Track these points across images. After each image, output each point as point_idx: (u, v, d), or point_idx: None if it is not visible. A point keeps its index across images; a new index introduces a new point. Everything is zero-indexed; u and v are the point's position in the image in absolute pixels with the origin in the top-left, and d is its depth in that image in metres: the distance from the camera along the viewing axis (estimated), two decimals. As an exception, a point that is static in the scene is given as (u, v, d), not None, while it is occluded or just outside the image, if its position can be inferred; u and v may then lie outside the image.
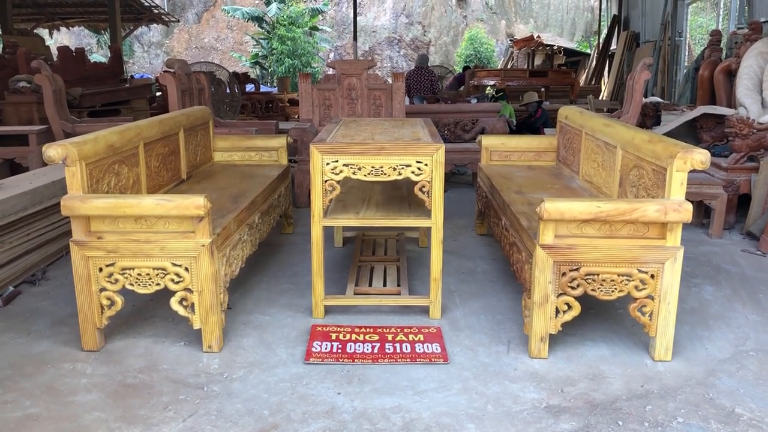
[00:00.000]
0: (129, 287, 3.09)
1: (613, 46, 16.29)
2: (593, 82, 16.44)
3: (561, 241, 2.97)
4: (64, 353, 3.14)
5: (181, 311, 3.11)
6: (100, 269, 3.06)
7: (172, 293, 3.10)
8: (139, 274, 3.07)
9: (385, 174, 3.35)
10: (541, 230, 2.96)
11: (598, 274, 3.00)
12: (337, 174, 3.36)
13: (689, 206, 2.88)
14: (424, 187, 3.37)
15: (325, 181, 3.37)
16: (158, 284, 3.09)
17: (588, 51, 21.20)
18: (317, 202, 3.40)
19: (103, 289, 3.10)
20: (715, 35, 7.61)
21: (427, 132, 3.85)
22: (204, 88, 6.72)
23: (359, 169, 3.35)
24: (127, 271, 3.07)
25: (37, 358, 3.10)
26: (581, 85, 15.31)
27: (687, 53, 11.74)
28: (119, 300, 3.13)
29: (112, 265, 3.06)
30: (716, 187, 5.01)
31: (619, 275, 3.00)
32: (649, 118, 7.33)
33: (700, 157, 2.90)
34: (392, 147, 3.33)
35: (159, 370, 2.99)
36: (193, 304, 3.10)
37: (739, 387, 2.85)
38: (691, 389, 2.83)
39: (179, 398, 2.75)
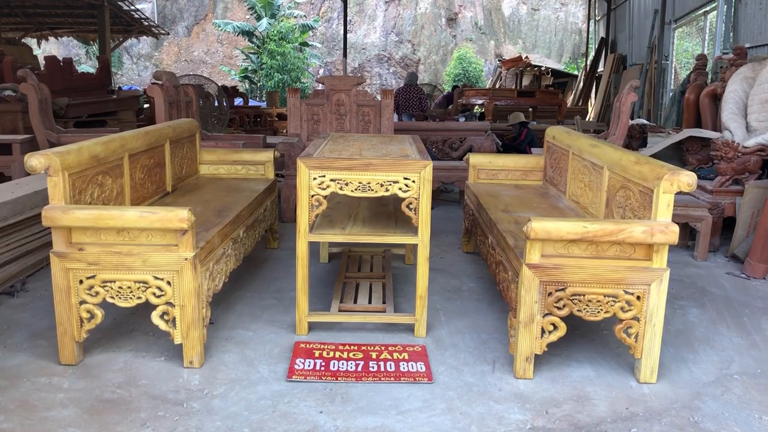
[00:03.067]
0: (110, 300, 3.03)
1: (600, 68, 16.45)
2: (580, 103, 16.59)
3: (547, 261, 2.96)
4: (40, 367, 3.07)
5: (162, 325, 3.06)
6: (81, 281, 3.01)
7: (154, 307, 3.05)
8: (120, 287, 3.02)
9: (372, 190, 3.33)
10: (527, 249, 2.95)
11: (584, 295, 2.98)
12: (323, 189, 3.34)
13: (676, 228, 2.88)
14: (411, 203, 3.35)
15: (312, 196, 3.35)
16: (139, 298, 3.03)
17: (575, 72, 21.41)
18: (303, 217, 3.37)
19: (83, 302, 3.04)
20: (701, 59, 7.70)
21: (415, 149, 3.84)
22: (192, 100, 6.69)
23: (346, 184, 3.33)
24: (108, 284, 3.01)
25: (12, 371, 3.03)
26: (568, 106, 15.42)
27: (673, 76, 11.87)
28: (99, 313, 3.07)
29: (92, 277, 3.00)
30: (701, 209, 5.03)
31: (605, 296, 2.98)
32: (635, 140, 7.39)
33: (686, 179, 2.91)
34: (380, 163, 3.31)
35: (138, 385, 2.93)
36: (174, 319, 3.05)
37: (723, 411, 2.84)
38: (676, 412, 2.81)
39: (158, 414, 2.69)
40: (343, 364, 3.15)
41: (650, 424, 2.71)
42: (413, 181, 3.33)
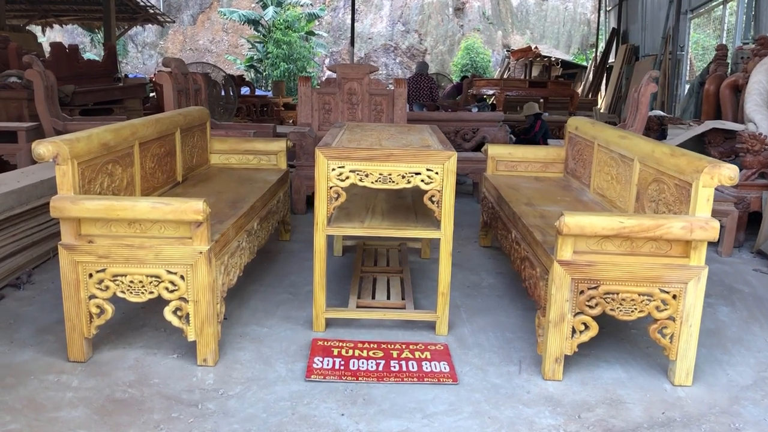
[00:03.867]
0: (120, 295, 2.90)
1: (611, 59, 16.24)
2: (590, 95, 16.39)
3: (580, 258, 2.81)
4: (48, 364, 2.95)
5: (175, 322, 2.93)
6: (90, 275, 2.87)
7: (166, 302, 2.92)
8: (131, 282, 2.88)
9: (393, 182, 3.19)
10: (559, 245, 2.80)
11: (617, 293, 2.84)
12: (343, 180, 3.19)
13: (716, 224, 2.73)
14: (433, 196, 3.20)
15: (330, 188, 3.20)
16: (152, 292, 2.90)
17: (584, 64, 21.18)
18: (321, 210, 3.23)
19: (92, 297, 2.91)
20: (721, 50, 7.52)
21: (436, 139, 3.70)
22: (201, 88, 6.55)
23: (366, 175, 3.19)
24: (119, 278, 2.88)
25: (19, 368, 2.90)
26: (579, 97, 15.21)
27: (688, 67, 11.67)
28: (109, 308, 2.94)
29: (102, 271, 2.87)
30: (727, 203, 4.88)
31: (639, 294, 2.84)
32: (653, 132, 7.22)
33: (728, 172, 2.76)
34: (402, 153, 3.17)
35: (150, 384, 2.80)
36: (188, 315, 2.91)
37: (765, 416, 2.70)
38: (715, 418, 2.67)
39: (171, 416, 2.56)
40: (363, 363, 3.01)
41: (689, 430, 2.58)
42: (436, 173, 3.18)
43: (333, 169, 3.19)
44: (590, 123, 4.40)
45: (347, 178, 3.19)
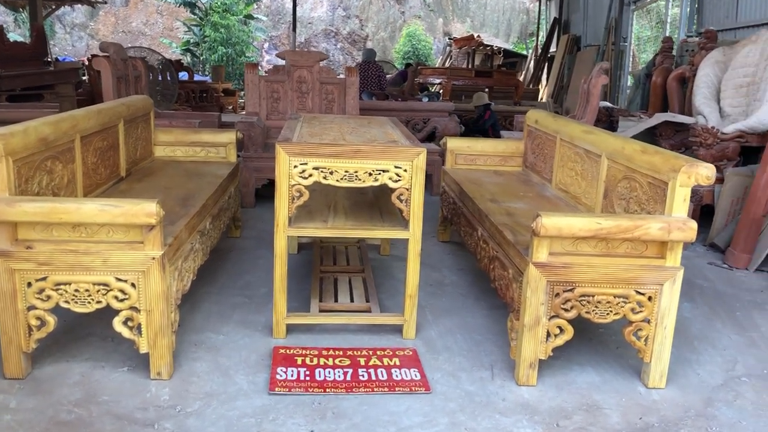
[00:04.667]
0: (64, 305, 2.65)
1: (553, 49, 16.38)
2: (531, 85, 16.49)
3: (555, 259, 2.72)
4: (-18, 382, 2.67)
5: (126, 333, 2.69)
6: (29, 284, 2.61)
7: (114, 311, 2.68)
8: (76, 290, 2.63)
9: (360, 180, 3.02)
10: (534, 247, 2.70)
11: (593, 296, 2.76)
12: (305, 178, 3.00)
13: (694, 224, 2.67)
14: (402, 195, 3.05)
15: (292, 186, 3.01)
16: (99, 302, 2.65)
17: (524, 53, 21.33)
18: (282, 210, 3.03)
19: (31, 308, 2.64)
20: (667, 42, 7.61)
21: (400, 133, 3.54)
22: (141, 75, 6.20)
23: (331, 173, 3.00)
24: (62, 287, 2.62)
25: (-52, 388, 2.62)
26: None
27: (631, 59, 11.84)
28: (51, 320, 2.68)
29: (43, 279, 2.60)
30: (681, 197, 4.90)
31: (615, 296, 2.77)
32: (602, 123, 7.25)
33: (705, 171, 2.70)
34: (370, 150, 3.00)
35: (99, 402, 2.56)
36: (139, 325, 2.68)
37: (740, 419, 2.67)
38: (692, 422, 2.63)
39: (125, 439, 2.34)
40: (329, 372, 2.85)
41: (668, 436, 2.53)
42: (405, 170, 3.03)
43: (295, 167, 2.99)
44: (552, 116, 4.33)
45: (310, 175, 3.00)
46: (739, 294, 4.06)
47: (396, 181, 3.03)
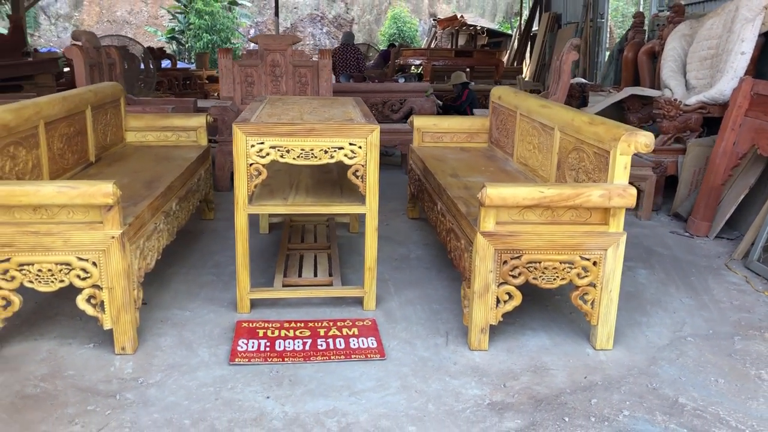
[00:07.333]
0: (28, 285, 2.74)
1: (535, 27, 16.40)
2: (515, 64, 16.53)
3: (502, 228, 2.82)
4: (-48, 361, 2.77)
5: (90, 310, 2.79)
6: (-7, 265, 2.70)
7: (78, 290, 2.78)
8: (39, 270, 2.72)
9: (315, 157, 3.11)
10: (482, 217, 2.80)
11: (540, 262, 2.87)
12: (263, 157, 3.09)
13: (633, 191, 2.78)
14: (357, 171, 3.15)
15: (250, 165, 3.10)
16: (62, 281, 2.75)
17: (509, 32, 21.34)
18: (241, 188, 3.13)
19: (-4, 288, 2.74)
20: (639, 17, 7.68)
21: (359, 112, 3.63)
22: (115, 62, 6.24)
23: (287, 151, 3.10)
24: (26, 267, 2.72)
25: None
26: (504, 66, 15.34)
27: (608, 35, 11.90)
28: (17, 299, 2.77)
29: (6, 260, 2.70)
30: (645, 168, 5.02)
31: (561, 263, 2.88)
32: (575, 99, 7.35)
33: (644, 140, 2.81)
34: (324, 128, 3.09)
35: (64, 377, 2.67)
36: (102, 303, 2.78)
37: (680, 375, 2.79)
38: (634, 379, 2.75)
39: (87, 409, 2.45)
40: (289, 343, 2.96)
41: (609, 393, 2.64)
42: (360, 147, 3.12)
43: (252, 146, 3.08)
44: (513, 92, 4.42)
45: (268, 154, 3.09)
46: (696, 260, 4.18)
47: (351, 158, 3.12)
